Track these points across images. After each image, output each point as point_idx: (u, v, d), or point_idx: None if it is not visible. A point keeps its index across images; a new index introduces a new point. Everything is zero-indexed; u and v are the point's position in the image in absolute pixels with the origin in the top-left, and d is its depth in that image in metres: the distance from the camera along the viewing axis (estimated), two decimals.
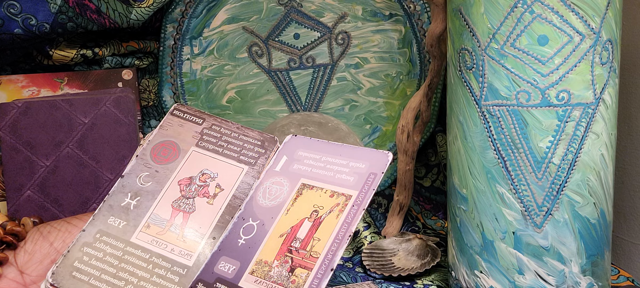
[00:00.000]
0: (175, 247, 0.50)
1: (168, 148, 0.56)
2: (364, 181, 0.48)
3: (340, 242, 0.45)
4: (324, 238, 0.45)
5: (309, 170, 0.50)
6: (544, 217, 0.52)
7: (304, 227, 0.47)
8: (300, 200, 0.49)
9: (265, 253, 0.46)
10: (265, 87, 0.82)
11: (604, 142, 0.52)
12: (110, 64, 0.76)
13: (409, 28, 0.80)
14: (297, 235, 0.46)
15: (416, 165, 0.84)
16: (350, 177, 0.49)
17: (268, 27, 0.81)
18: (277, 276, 0.44)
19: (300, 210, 0.48)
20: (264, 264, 0.45)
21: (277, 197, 0.50)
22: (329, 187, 0.49)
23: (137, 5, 0.72)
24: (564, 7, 0.49)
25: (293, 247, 0.46)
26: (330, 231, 0.46)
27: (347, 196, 0.47)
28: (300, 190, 0.49)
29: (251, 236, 0.48)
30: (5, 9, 0.66)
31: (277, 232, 0.47)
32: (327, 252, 0.45)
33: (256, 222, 0.48)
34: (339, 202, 0.47)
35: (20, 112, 0.64)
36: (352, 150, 0.51)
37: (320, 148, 0.52)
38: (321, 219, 0.47)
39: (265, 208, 0.49)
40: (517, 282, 0.53)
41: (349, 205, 0.47)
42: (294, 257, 0.45)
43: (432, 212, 0.84)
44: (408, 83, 0.82)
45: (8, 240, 0.52)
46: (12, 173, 0.63)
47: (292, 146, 0.53)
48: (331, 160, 0.51)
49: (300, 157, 0.52)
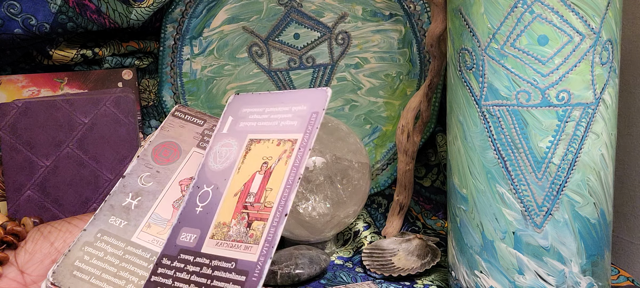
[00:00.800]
0: None
1: (169, 149, 0.56)
2: (307, 122, 0.48)
3: (291, 186, 0.45)
4: (276, 186, 0.46)
5: (255, 125, 0.51)
6: (544, 217, 0.52)
7: (256, 181, 0.47)
8: (249, 156, 0.49)
9: (223, 215, 0.46)
10: (266, 87, 0.82)
11: (604, 142, 0.52)
12: (110, 64, 0.76)
13: (409, 28, 0.80)
14: (251, 190, 0.47)
15: (416, 165, 0.84)
16: (294, 121, 0.49)
17: (268, 27, 0.81)
18: (236, 234, 0.45)
19: (251, 165, 0.48)
20: (223, 226, 0.46)
21: (227, 158, 0.50)
22: (275, 136, 0.49)
23: (137, 5, 0.72)
24: (564, 7, 0.49)
25: (248, 203, 0.46)
26: (281, 178, 0.46)
27: (292, 141, 0.48)
28: (249, 146, 0.50)
29: (207, 202, 0.48)
30: (5, 9, 0.66)
31: (231, 192, 0.47)
32: (279, 199, 0.45)
33: (211, 187, 0.49)
34: (286, 148, 0.47)
35: (20, 112, 0.64)
36: (292, 95, 0.51)
37: (262, 100, 0.52)
38: (271, 169, 0.47)
39: (217, 172, 0.49)
40: (517, 282, 0.53)
41: (296, 149, 0.47)
42: (250, 212, 0.45)
43: (432, 212, 0.84)
44: (408, 83, 0.82)
45: (8, 240, 0.52)
46: (12, 173, 0.63)
47: (236, 105, 0.53)
48: (274, 110, 0.51)
49: (245, 113, 0.52)
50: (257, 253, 0.43)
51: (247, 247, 0.43)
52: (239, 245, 0.44)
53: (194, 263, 0.45)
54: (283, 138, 0.48)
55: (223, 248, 0.45)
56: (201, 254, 0.45)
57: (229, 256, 0.44)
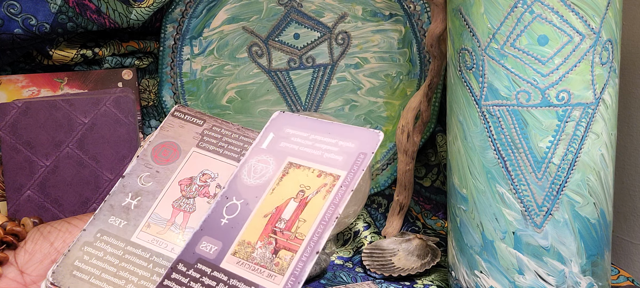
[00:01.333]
0: (175, 246, 0.50)
1: (169, 149, 0.56)
2: (353, 161, 0.46)
3: (326, 223, 0.43)
4: (310, 219, 0.44)
5: (296, 149, 0.49)
6: (544, 217, 0.52)
7: (290, 208, 0.45)
8: (286, 180, 0.47)
9: (249, 234, 0.44)
10: (265, 87, 0.82)
11: (604, 142, 0.52)
12: (110, 64, 0.76)
13: (409, 28, 0.80)
14: (282, 216, 0.45)
15: (416, 165, 0.84)
16: (339, 156, 0.47)
17: (268, 27, 0.81)
18: (260, 258, 0.43)
19: (286, 189, 0.46)
20: (247, 245, 0.44)
21: (262, 175, 0.48)
22: (317, 166, 0.47)
23: (137, 5, 0.72)
24: (564, 7, 0.49)
25: (277, 228, 0.44)
26: (317, 212, 0.44)
27: (335, 176, 0.46)
28: (287, 169, 0.47)
29: (234, 215, 0.46)
30: (5, 9, 0.66)
31: (261, 212, 0.45)
32: (312, 234, 0.43)
33: (240, 201, 0.47)
34: (326, 182, 0.45)
35: (20, 112, 0.64)
36: (341, 129, 0.49)
37: (308, 126, 0.50)
38: (307, 199, 0.45)
39: (250, 187, 0.47)
40: (517, 282, 0.53)
41: (337, 186, 0.45)
42: (278, 238, 0.44)
43: (432, 212, 0.84)
44: (408, 83, 0.82)
45: (8, 240, 0.52)
46: (12, 173, 0.63)
47: (280, 123, 0.51)
48: (319, 139, 0.49)
49: (288, 134, 0.50)
50: (280, 285, 0.41)
51: (270, 275, 0.42)
52: (262, 271, 0.42)
53: (210, 276, 0.43)
54: (325, 170, 0.46)
55: (244, 269, 0.43)
56: (220, 269, 0.43)
57: (249, 279, 0.42)
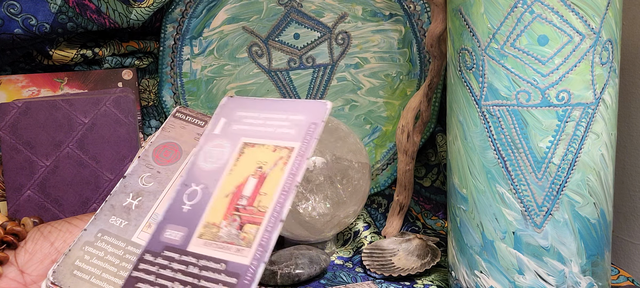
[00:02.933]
0: None
1: (170, 150, 0.56)
2: (305, 131, 0.47)
3: (287, 193, 0.44)
4: (271, 191, 0.45)
5: (249, 129, 0.50)
6: (544, 217, 0.52)
7: (250, 184, 0.46)
8: (243, 159, 0.48)
9: (212, 215, 0.45)
10: (265, 87, 0.82)
11: (604, 142, 0.52)
12: (110, 64, 0.76)
13: (409, 28, 0.80)
14: (243, 193, 0.46)
15: (416, 165, 0.84)
16: (291, 130, 0.48)
17: (268, 27, 0.81)
18: (226, 235, 0.44)
19: (244, 168, 0.47)
20: (212, 226, 0.45)
21: (218, 159, 0.49)
22: (271, 142, 0.48)
23: (137, 5, 0.72)
24: (564, 7, 0.49)
25: (240, 205, 0.45)
26: (277, 183, 0.45)
27: (289, 149, 0.47)
28: (242, 149, 0.48)
29: (196, 201, 0.47)
30: (5, 9, 0.66)
31: (222, 193, 0.46)
32: (275, 205, 0.44)
33: (200, 186, 0.47)
34: (282, 155, 0.47)
35: (20, 112, 0.64)
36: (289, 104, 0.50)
37: (257, 106, 0.51)
38: (266, 174, 0.46)
39: (208, 172, 0.48)
40: (517, 282, 0.53)
41: (293, 156, 0.46)
42: (242, 215, 0.44)
43: (432, 212, 0.84)
44: (408, 83, 0.82)
45: (8, 240, 0.52)
46: (12, 173, 0.63)
47: (230, 107, 0.52)
48: (271, 116, 0.50)
49: (239, 117, 0.51)
50: (249, 257, 0.42)
51: (239, 249, 0.43)
52: (230, 247, 0.43)
53: (179, 261, 0.44)
54: (279, 144, 0.48)
55: (212, 249, 0.44)
56: (188, 252, 0.44)
57: (218, 257, 0.43)
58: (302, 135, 0.47)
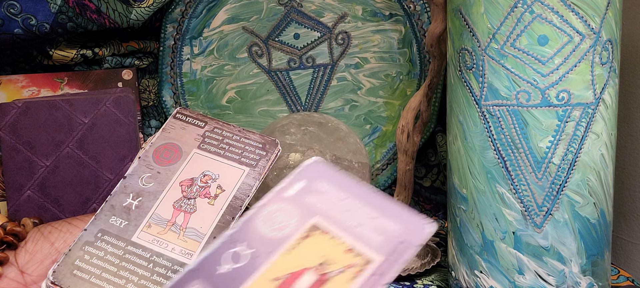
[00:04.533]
0: (175, 246, 0.50)
1: (170, 151, 0.56)
2: (394, 247, 0.38)
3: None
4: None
5: (327, 209, 0.40)
6: (544, 217, 0.52)
7: (305, 280, 0.36)
8: (307, 243, 0.38)
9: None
10: (265, 87, 0.82)
11: (604, 142, 0.52)
12: (110, 64, 0.76)
13: (409, 28, 0.80)
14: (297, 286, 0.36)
15: (416, 165, 0.84)
16: (378, 236, 0.38)
17: (268, 27, 0.81)
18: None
19: (305, 255, 0.38)
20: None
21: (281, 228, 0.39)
22: (348, 239, 0.38)
23: (137, 5, 0.72)
24: (564, 7, 0.49)
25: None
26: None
27: (367, 259, 0.37)
28: (311, 231, 0.39)
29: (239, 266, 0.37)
30: (5, 9, 0.66)
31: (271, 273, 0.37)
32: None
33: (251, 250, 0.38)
34: (355, 262, 0.37)
35: (20, 112, 0.64)
36: (386, 202, 0.41)
37: (347, 186, 0.41)
38: (328, 277, 0.36)
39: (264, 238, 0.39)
40: (517, 282, 0.53)
41: (368, 271, 0.36)
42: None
43: (432, 212, 0.84)
44: (408, 83, 0.82)
45: (9, 240, 0.52)
46: (12, 173, 0.63)
47: (315, 172, 0.42)
48: (357, 206, 0.40)
49: (320, 189, 0.41)
50: None
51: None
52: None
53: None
54: (356, 248, 0.38)
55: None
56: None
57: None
58: (387, 249, 0.37)
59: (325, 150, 0.68)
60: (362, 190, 0.41)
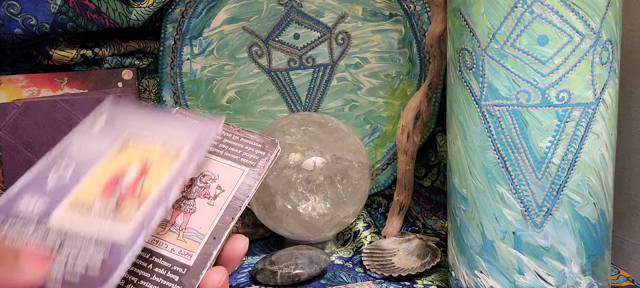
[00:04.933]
0: (175, 246, 0.50)
1: None
2: (199, 134, 0.44)
3: (178, 176, 0.40)
4: (158, 177, 0.40)
5: (134, 128, 0.45)
6: (544, 217, 0.52)
7: (131, 171, 0.41)
8: (124, 153, 0.43)
9: (84, 195, 0.40)
10: (265, 87, 0.82)
11: (604, 142, 0.52)
12: (110, 64, 0.76)
13: (409, 28, 0.80)
14: (124, 180, 0.41)
15: (416, 165, 0.84)
16: (183, 133, 0.45)
17: (268, 27, 0.81)
18: (99, 211, 0.39)
19: (126, 158, 0.43)
20: (82, 205, 0.40)
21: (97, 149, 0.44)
22: (159, 140, 0.44)
23: (137, 5, 0.72)
24: (564, 7, 0.49)
25: (119, 188, 0.40)
26: (166, 170, 0.41)
27: (180, 145, 0.43)
28: (124, 145, 0.44)
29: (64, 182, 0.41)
30: (5, 9, 0.66)
31: (96, 177, 0.41)
32: (165, 186, 0.40)
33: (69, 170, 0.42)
34: (171, 152, 0.43)
35: (20, 112, 0.64)
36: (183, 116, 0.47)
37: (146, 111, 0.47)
38: (149, 164, 0.42)
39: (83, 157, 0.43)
40: (517, 282, 0.53)
41: (185, 150, 0.42)
42: (121, 194, 0.40)
43: (432, 212, 0.84)
44: (408, 83, 0.82)
45: None
46: (12, 173, 0.63)
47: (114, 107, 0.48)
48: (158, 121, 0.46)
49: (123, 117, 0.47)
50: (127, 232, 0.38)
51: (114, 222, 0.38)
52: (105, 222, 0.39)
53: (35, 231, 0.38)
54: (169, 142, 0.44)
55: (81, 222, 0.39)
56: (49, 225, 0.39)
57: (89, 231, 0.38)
58: (194, 136, 0.44)
59: (325, 150, 0.68)
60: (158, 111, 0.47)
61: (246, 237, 0.54)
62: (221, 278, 0.48)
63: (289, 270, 0.63)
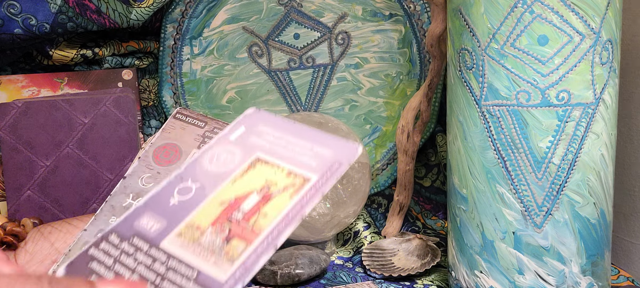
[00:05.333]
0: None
1: (170, 151, 0.56)
2: (328, 167, 0.43)
3: (289, 221, 0.40)
4: (272, 214, 0.40)
5: (267, 146, 0.45)
6: (544, 217, 0.52)
7: (251, 199, 0.41)
8: (251, 173, 0.43)
9: (200, 218, 0.41)
10: (265, 87, 0.82)
11: (604, 142, 0.52)
12: (110, 64, 0.76)
13: (409, 28, 0.80)
14: (242, 207, 0.41)
15: (416, 165, 0.84)
16: (313, 160, 0.44)
17: (268, 27, 0.81)
18: (208, 243, 0.39)
19: (250, 182, 0.43)
20: (196, 229, 0.40)
21: (226, 164, 0.44)
22: (287, 165, 0.43)
23: (137, 5, 0.72)
24: (564, 7, 0.49)
25: (234, 218, 0.40)
26: (281, 208, 0.40)
27: (305, 178, 0.42)
28: (254, 163, 0.44)
29: (186, 197, 0.42)
30: (5, 9, 0.66)
31: (218, 199, 0.42)
32: (273, 229, 0.39)
33: (196, 184, 0.43)
34: (295, 182, 0.42)
35: (20, 112, 0.64)
36: (319, 135, 0.46)
37: (284, 126, 0.47)
38: (272, 195, 0.41)
39: (210, 173, 0.44)
40: (517, 282, 0.53)
41: (307, 187, 0.41)
42: (233, 228, 0.40)
43: (432, 212, 0.84)
44: (408, 83, 0.82)
45: (8, 241, 0.52)
46: (12, 173, 0.63)
47: (254, 119, 0.48)
48: (294, 141, 0.45)
49: (260, 131, 0.47)
50: (227, 274, 0.37)
51: (217, 262, 0.38)
52: (209, 257, 0.39)
53: (146, 253, 0.39)
54: (295, 171, 0.43)
55: (188, 252, 0.39)
56: (159, 248, 0.39)
57: (191, 263, 0.38)
58: (322, 169, 0.43)
59: None
60: (294, 128, 0.47)
61: None
62: None
63: (289, 270, 0.63)
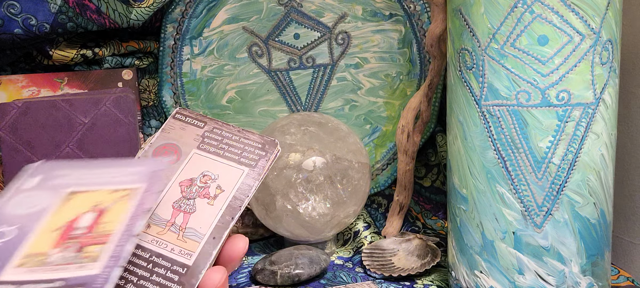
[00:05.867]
0: (175, 246, 0.50)
1: (169, 151, 0.56)
2: (151, 174, 0.43)
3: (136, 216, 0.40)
4: (116, 217, 0.40)
5: (77, 181, 0.44)
6: (544, 217, 0.52)
7: (86, 217, 0.40)
8: (73, 203, 0.42)
9: (37, 247, 0.39)
10: (265, 87, 0.82)
11: (604, 142, 0.52)
12: (110, 64, 0.76)
13: (409, 28, 0.80)
14: (80, 225, 0.40)
15: (416, 165, 0.84)
16: (132, 176, 0.43)
17: (268, 27, 0.81)
18: (60, 259, 0.38)
19: (76, 208, 0.41)
20: (37, 255, 0.38)
21: (36, 205, 0.42)
22: (108, 187, 0.43)
23: (137, 5, 0.72)
24: (564, 7, 0.49)
25: (76, 234, 0.39)
26: (123, 211, 0.40)
27: (133, 188, 0.42)
28: (69, 197, 0.43)
29: (9, 238, 0.40)
30: (5, 9, 0.66)
31: (48, 228, 0.40)
32: (127, 223, 0.39)
33: (12, 227, 0.40)
34: (124, 194, 0.42)
35: (20, 112, 0.64)
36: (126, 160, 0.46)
37: (85, 164, 0.45)
38: (106, 208, 0.41)
39: (23, 216, 0.41)
40: (517, 282, 0.53)
41: (140, 192, 0.41)
42: (81, 240, 0.39)
43: (432, 212, 0.84)
44: (408, 83, 0.82)
45: None
46: (12, 174, 0.63)
47: (46, 168, 0.45)
48: (103, 171, 0.45)
49: (61, 174, 0.45)
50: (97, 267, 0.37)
51: (81, 266, 0.37)
52: (68, 267, 0.37)
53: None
54: (119, 188, 0.43)
55: (39, 273, 0.37)
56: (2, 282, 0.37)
57: (51, 277, 0.37)
58: (145, 177, 0.43)
59: (325, 150, 0.68)
60: (101, 162, 0.45)
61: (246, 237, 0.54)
62: (221, 278, 0.48)
63: (289, 270, 0.63)
